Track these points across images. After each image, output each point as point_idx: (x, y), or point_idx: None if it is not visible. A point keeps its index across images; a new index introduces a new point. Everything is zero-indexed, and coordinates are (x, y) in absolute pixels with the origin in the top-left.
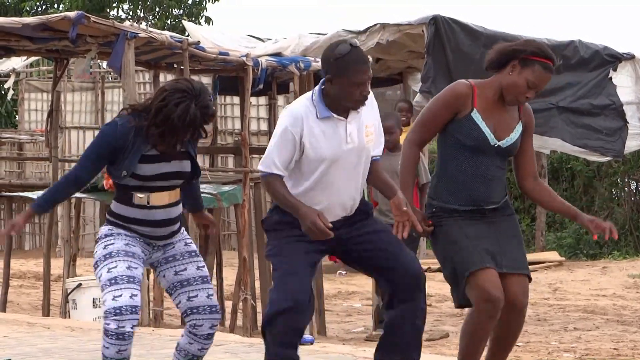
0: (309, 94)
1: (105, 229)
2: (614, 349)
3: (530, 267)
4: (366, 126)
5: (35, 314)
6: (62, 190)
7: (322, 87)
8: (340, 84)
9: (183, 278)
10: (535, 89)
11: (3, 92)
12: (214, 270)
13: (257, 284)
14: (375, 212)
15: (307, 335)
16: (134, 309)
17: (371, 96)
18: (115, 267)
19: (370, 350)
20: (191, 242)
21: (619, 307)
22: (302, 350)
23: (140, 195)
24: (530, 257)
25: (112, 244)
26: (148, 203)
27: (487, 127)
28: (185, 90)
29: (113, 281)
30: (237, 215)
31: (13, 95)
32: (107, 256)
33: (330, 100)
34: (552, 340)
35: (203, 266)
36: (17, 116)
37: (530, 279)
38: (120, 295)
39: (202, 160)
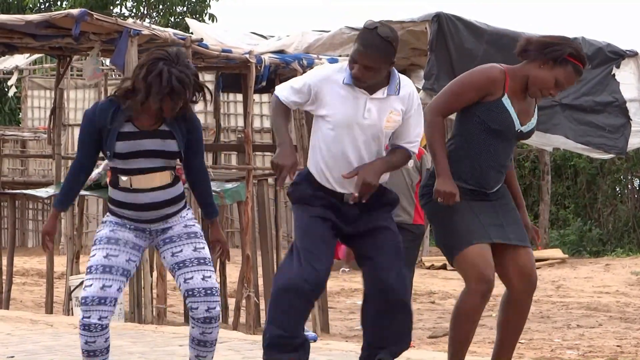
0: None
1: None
2: (617, 346)
3: None
4: (391, 112)
5: (38, 312)
6: (73, 179)
7: None
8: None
9: (179, 260)
10: (562, 88)
11: (6, 89)
12: (217, 268)
13: (260, 281)
14: None
15: (310, 332)
16: (102, 300)
17: (411, 89)
18: (94, 255)
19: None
20: (193, 225)
21: (622, 304)
22: None
23: (123, 178)
24: (534, 254)
25: (100, 231)
26: (131, 186)
27: (515, 112)
28: (162, 57)
29: (88, 270)
30: (240, 213)
31: (16, 92)
32: (93, 244)
33: None
34: (555, 337)
35: (202, 247)
36: (20, 114)
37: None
38: (90, 285)
39: (205, 158)
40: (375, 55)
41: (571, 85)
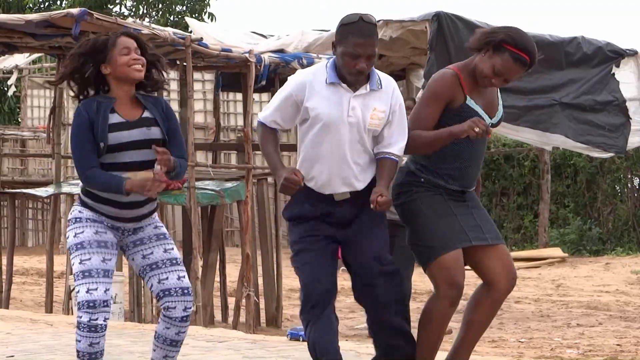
0: (325, 61)
1: (75, 211)
2: (617, 344)
3: (534, 263)
4: (374, 108)
5: (38, 311)
6: (104, 182)
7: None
8: (339, 51)
9: (151, 261)
10: (502, 77)
11: (6, 89)
12: (217, 267)
13: (260, 280)
14: None
15: None
16: (106, 303)
17: (394, 85)
18: (89, 259)
19: (373, 346)
20: (162, 226)
21: (622, 303)
22: (305, 346)
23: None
24: (534, 253)
25: (82, 232)
26: None
27: (481, 109)
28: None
29: (87, 274)
30: (240, 212)
31: (16, 92)
32: (79, 246)
33: (339, 68)
34: (555, 336)
35: (172, 248)
36: (20, 113)
37: None
38: (96, 289)
39: (205, 157)
40: (374, 41)
41: (514, 75)
